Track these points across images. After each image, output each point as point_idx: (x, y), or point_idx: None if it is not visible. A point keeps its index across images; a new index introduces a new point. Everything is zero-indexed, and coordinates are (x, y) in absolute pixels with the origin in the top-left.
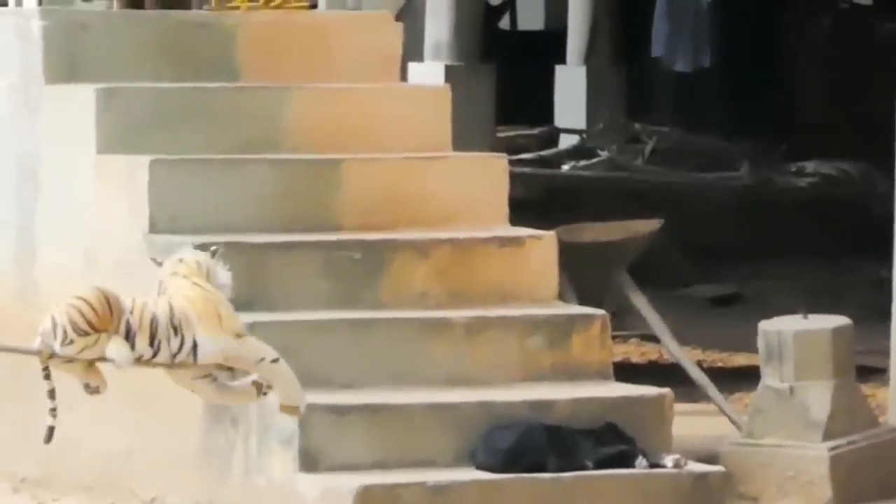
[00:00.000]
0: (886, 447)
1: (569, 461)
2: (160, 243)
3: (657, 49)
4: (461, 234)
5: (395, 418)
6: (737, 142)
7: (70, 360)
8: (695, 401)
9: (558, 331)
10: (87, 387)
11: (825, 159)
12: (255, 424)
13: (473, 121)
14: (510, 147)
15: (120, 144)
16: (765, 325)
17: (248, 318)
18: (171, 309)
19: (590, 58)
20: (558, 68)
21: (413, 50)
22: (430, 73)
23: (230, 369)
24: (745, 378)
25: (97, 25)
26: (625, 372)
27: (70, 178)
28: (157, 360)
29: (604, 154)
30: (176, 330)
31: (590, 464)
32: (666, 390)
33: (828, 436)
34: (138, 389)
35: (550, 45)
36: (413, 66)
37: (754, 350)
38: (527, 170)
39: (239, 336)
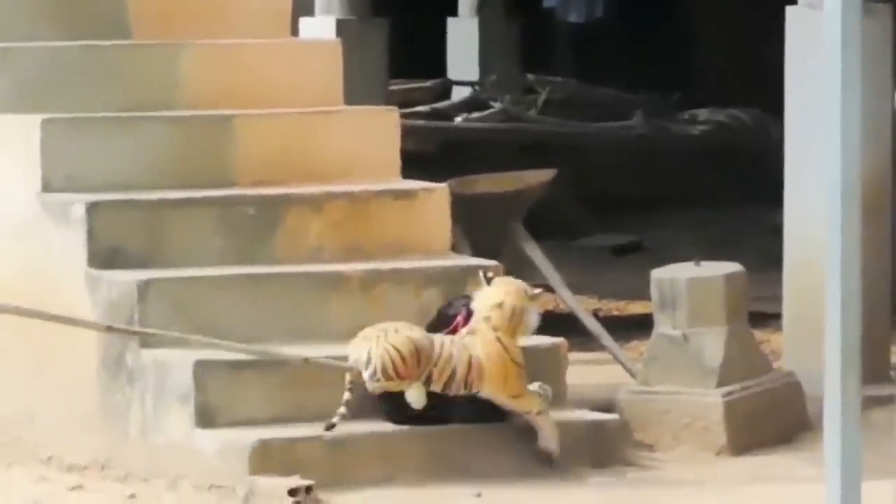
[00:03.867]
0: (781, 392)
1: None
2: (54, 202)
3: None
4: (355, 188)
5: (292, 373)
6: (630, 91)
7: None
8: (590, 350)
9: (453, 283)
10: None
11: (718, 107)
12: (151, 382)
13: (366, 74)
14: (403, 100)
15: (12, 104)
16: (657, 273)
17: (143, 275)
18: (470, 364)
19: (482, 9)
20: (450, 20)
21: (304, 4)
22: (321, 27)
23: None
24: (642, 326)
25: None
26: None
27: None
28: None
29: (497, 106)
30: (465, 384)
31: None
32: (560, 340)
33: (722, 382)
34: (34, 350)
35: None
36: (304, 21)
37: (650, 298)
38: (420, 122)
39: (516, 397)
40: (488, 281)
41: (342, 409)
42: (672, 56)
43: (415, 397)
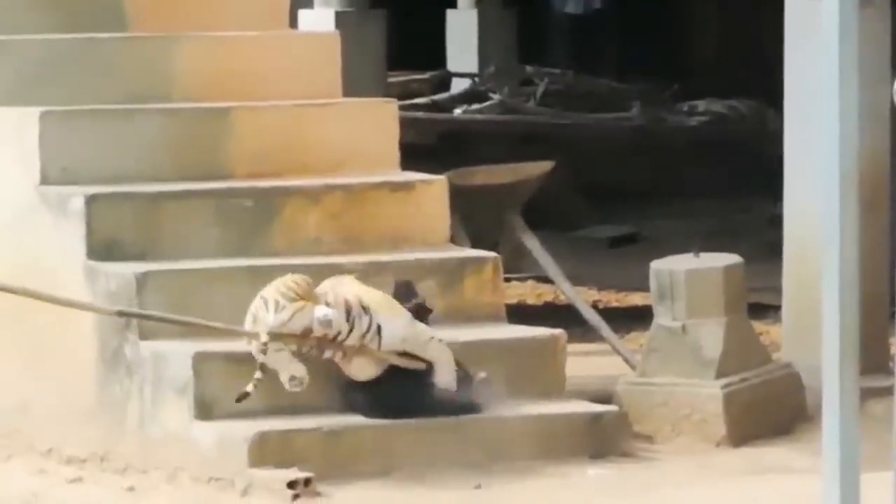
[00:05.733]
0: (780, 384)
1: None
2: (52, 195)
3: None
4: (352, 180)
5: None
6: (628, 82)
7: (279, 349)
8: (590, 341)
9: (451, 274)
10: (291, 379)
11: (716, 98)
12: (149, 374)
13: (365, 67)
14: (403, 92)
15: (10, 97)
16: (656, 265)
17: (142, 267)
18: (359, 295)
19: (481, 1)
20: (449, 12)
21: None
22: (320, 19)
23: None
24: (641, 318)
25: None
26: (521, 314)
27: None
28: (349, 340)
29: (495, 97)
30: (365, 310)
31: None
32: (559, 331)
33: (721, 373)
34: (32, 342)
35: None
36: (303, 13)
37: (650, 289)
38: (420, 114)
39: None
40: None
41: (258, 375)
42: (669, 47)
43: (324, 311)
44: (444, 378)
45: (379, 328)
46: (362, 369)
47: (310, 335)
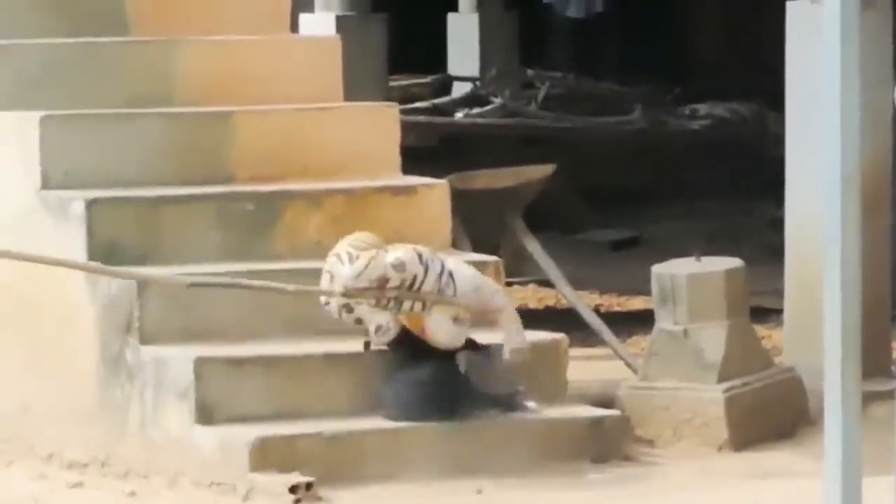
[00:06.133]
0: (782, 387)
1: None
2: (53, 199)
3: None
4: (354, 184)
5: (292, 369)
6: (630, 86)
7: (358, 303)
8: (591, 345)
9: None
10: (377, 329)
11: (718, 101)
12: (150, 378)
13: (366, 71)
14: (404, 96)
15: (11, 100)
16: (658, 269)
17: (142, 272)
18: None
19: (482, 4)
20: (450, 16)
21: (304, 1)
22: (321, 23)
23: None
24: (643, 321)
25: None
26: (522, 317)
27: None
28: (426, 285)
29: (497, 101)
30: (434, 257)
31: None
32: (560, 335)
33: (723, 377)
34: (33, 346)
35: None
36: (304, 17)
37: (651, 293)
38: (421, 118)
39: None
40: None
41: (371, 335)
42: (671, 50)
43: (398, 254)
44: (514, 335)
45: (451, 273)
46: (441, 326)
47: (386, 285)
